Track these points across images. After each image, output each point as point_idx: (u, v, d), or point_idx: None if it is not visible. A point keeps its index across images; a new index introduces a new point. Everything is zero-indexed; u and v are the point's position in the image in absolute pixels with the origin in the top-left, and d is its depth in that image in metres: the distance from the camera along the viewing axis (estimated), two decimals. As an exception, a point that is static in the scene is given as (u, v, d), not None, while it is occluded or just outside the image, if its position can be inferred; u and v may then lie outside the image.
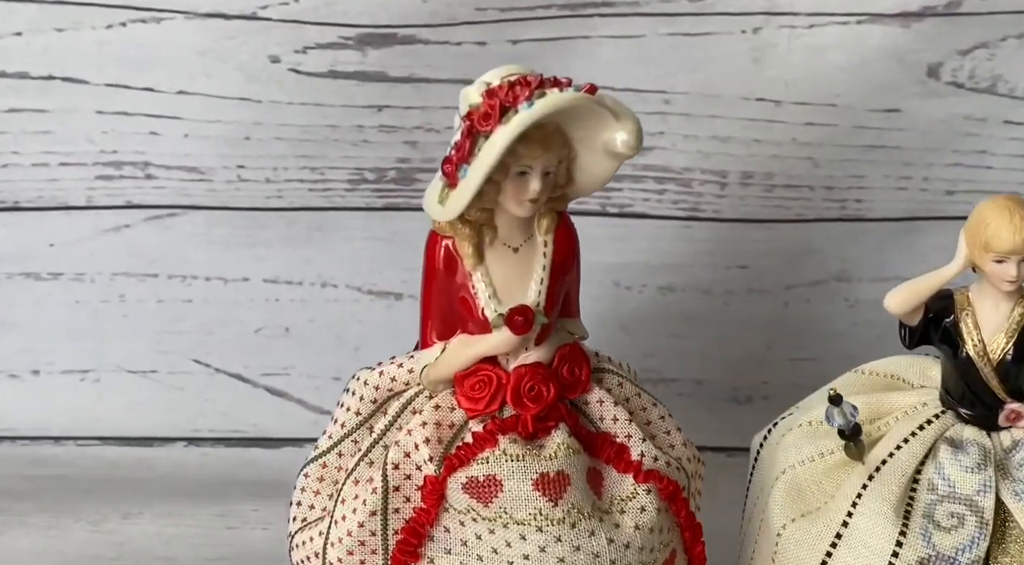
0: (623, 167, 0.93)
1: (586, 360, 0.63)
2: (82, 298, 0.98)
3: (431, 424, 0.61)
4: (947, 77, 0.89)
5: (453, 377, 0.62)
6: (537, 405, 0.60)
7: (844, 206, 0.93)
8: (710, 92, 0.90)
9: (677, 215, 0.94)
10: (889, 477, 0.62)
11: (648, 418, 0.64)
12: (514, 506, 0.59)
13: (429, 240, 0.61)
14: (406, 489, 0.61)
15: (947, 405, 0.65)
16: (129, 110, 0.94)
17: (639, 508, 0.61)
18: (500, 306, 0.60)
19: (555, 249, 0.61)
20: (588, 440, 0.62)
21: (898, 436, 0.64)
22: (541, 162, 0.57)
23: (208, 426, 0.99)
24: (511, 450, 0.59)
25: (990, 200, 0.62)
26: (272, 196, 0.96)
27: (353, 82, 0.92)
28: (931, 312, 0.64)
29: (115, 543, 0.89)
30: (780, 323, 0.96)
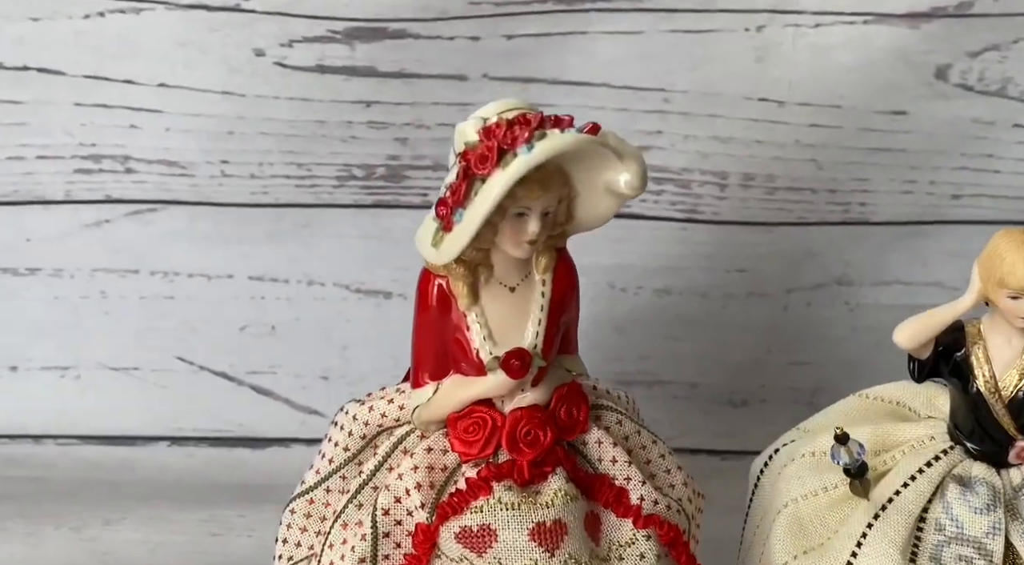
0: (620, 167, 0.92)
1: (584, 400, 0.60)
2: (61, 294, 0.96)
3: (423, 468, 0.58)
4: (956, 79, 0.86)
5: (446, 418, 0.60)
6: (533, 450, 0.58)
7: (847, 209, 0.91)
8: (711, 91, 0.87)
9: (675, 216, 0.91)
10: (895, 517, 0.60)
11: (648, 457, 0.62)
12: (510, 557, 0.57)
13: (421, 278, 0.58)
14: (396, 535, 0.59)
15: (955, 439, 0.63)
16: (108, 102, 0.90)
17: (638, 555, 0.59)
18: (496, 348, 0.57)
19: (553, 288, 0.58)
20: (586, 482, 0.59)
21: (905, 473, 0.62)
22: (540, 203, 0.55)
23: (192, 425, 0.97)
24: (506, 498, 0.57)
25: (1006, 233, 0.59)
26: (257, 192, 0.93)
27: (341, 77, 0.89)
28: (941, 345, 0.61)
29: (98, 552, 0.87)
30: (779, 327, 0.94)
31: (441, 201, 0.55)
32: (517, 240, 0.55)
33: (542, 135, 0.52)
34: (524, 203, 0.55)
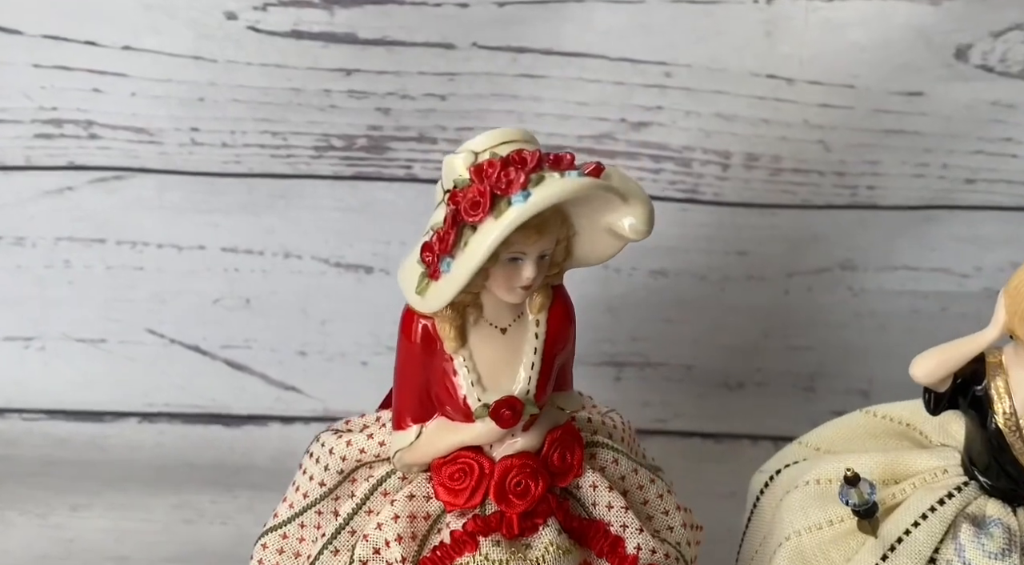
0: (616, 143, 0.87)
1: (579, 442, 0.56)
2: (23, 263, 0.91)
3: (404, 518, 0.54)
4: (976, 60, 0.81)
5: (429, 463, 0.55)
6: (524, 502, 0.54)
7: (855, 192, 0.86)
8: (716, 66, 0.82)
9: (674, 196, 0.87)
10: (904, 560, 0.57)
11: (645, 497, 0.58)
12: (497, 617, 0.53)
13: (404, 317, 0.54)
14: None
15: (969, 473, 0.59)
16: (69, 65, 0.85)
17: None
18: (485, 395, 0.53)
19: (548, 328, 0.54)
20: (580, 530, 0.55)
21: (916, 511, 0.58)
22: (537, 248, 0.50)
23: (163, 400, 0.94)
24: (494, 554, 0.53)
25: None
26: (230, 161, 0.88)
27: (319, 43, 0.83)
28: (960, 377, 0.57)
29: (64, 540, 0.84)
30: (778, 311, 0.90)
31: (427, 246, 0.49)
32: (510, 286, 0.51)
33: (539, 179, 0.47)
34: (519, 248, 0.50)
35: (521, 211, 0.47)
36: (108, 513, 0.86)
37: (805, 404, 0.91)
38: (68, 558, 0.83)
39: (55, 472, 0.90)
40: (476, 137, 0.50)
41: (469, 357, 0.53)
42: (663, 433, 0.94)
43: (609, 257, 0.53)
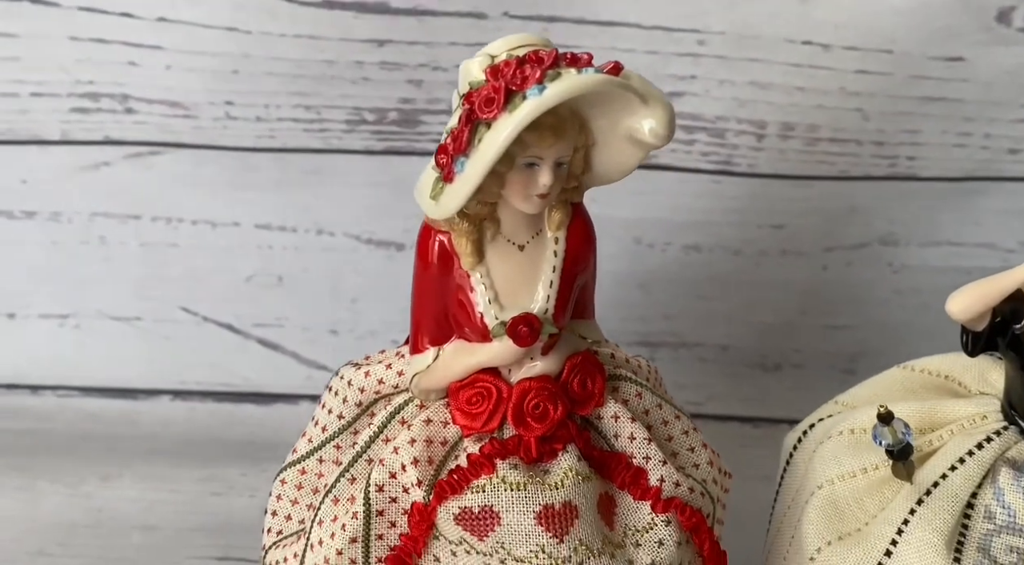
0: (649, 113, 0.86)
1: (600, 370, 0.55)
2: (59, 239, 0.92)
3: (421, 442, 0.53)
4: (1019, 23, 0.80)
5: (447, 387, 0.54)
6: (542, 426, 0.52)
7: (894, 163, 0.84)
8: (749, 33, 0.81)
9: (707, 168, 0.85)
10: (941, 503, 0.55)
11: (670, 433, 0.56)
12: (513, 542, 0.52)
13: (421, 234, 0.53)
14: (391, 513, 0.54)
15: (1009, 419, 0.57)
16: (105, 37, 0.86)
17: (656, 541, 0.54)
18: (502, 312, 0.52)
19: (568, 247, 0.52)
20: (600, 461, 0.54)
21: (952, 455, 0.56)
22: (553, 152, 0.49)
23: (196, 378, 0.93)
24: (511, 477, 0.52)
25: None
26: (263, 136, 0.88)
27: (351, 14, 0.83)
28: (998, 315, 0.56)
29: (92, 509, 0.84)
30: (816, 287, 0.88)
31: (441, 148, 0.49)
32: (526, 193, 0.50)
33: (556, 75, 0.46)
34: (535, 152, 0.49)
35: (537, 103, 0.46)
36: (137, 484, 0.86)
37: (845, 387, 0.89)
38: (97, 526, 0.83)
39: (86, 445, 0.90)
40: (493, 42, 0.49)
41: (486, 274, 0.52)
42: (698, 416, 0.92)
43: (629, 170, 0.52)
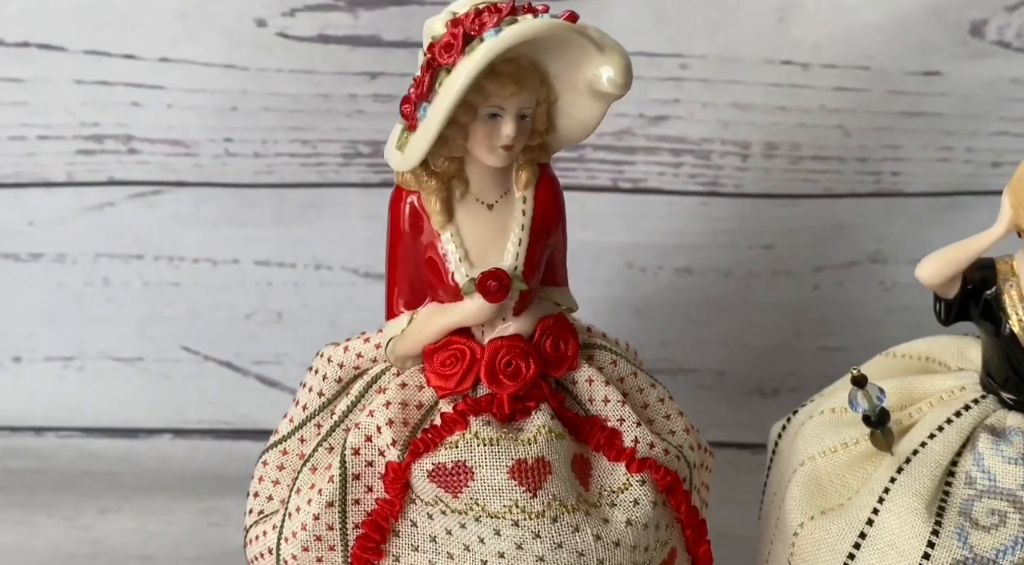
0: (636, 138, 0.88)
1: (573, 334, 0.56)
2: (64, 281, 0.93)
3: (396, 404, 0.54)
4: (992, 36, 0.81)
5: (422, 352, 0.55)
6: (515, 383, 0.53)
7: (879, 179, 0.86)
8: (730, 55, 0.83)
9: (695, 190, 0.87)
10: (921, 469, 0.55)
11: (645, 400, 0.57)
12: (487, 497, 0.52)
13: (392, 197, 0.54)
14: (368, 477, 0.54)
15: (988, 389, 0.57)
16: (109, 79, 0.88)
17: (632, 501, 0.54)
18: (472, 270, 0.53)
19: (535, 206, 0.54)
20: (575, 424, 0.54)
21: (932, 424, 0.56)
22: (514, 102, 0.50)
23: (196, 416, 0.94)
24: (484, 433, 0.52)
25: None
26: (262, 171, 0.90)
27: (345, 47, 0.86)
28: (970, 283, 0.56)
29: (90, 540, 0.84)
30: (809, 308, 0.89)
31: (405, 98, 0.51)
32: (491, 145, 0.51)
33: (512, 20, 0.48)
34: (496, 101, 0.50)
35: (493, 43, 0.48)
36: (135, 517, 0.86)
37: (843, 411, 0.89)
38: (94, 557, 0.83)
39: (85, 481, 0.90)
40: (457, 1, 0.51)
41: (456, 233, 0.53)
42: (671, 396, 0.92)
43: (591, 127, 0.53)
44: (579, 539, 0.52)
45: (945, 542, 0.54)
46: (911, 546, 0.54)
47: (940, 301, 0.57)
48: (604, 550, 0.53)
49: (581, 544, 0.52)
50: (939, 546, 0.53)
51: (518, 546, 0.52)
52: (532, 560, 0.52)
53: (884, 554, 0.54)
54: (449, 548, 0.53)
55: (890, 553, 0.54)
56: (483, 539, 0.52)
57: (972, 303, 0.56)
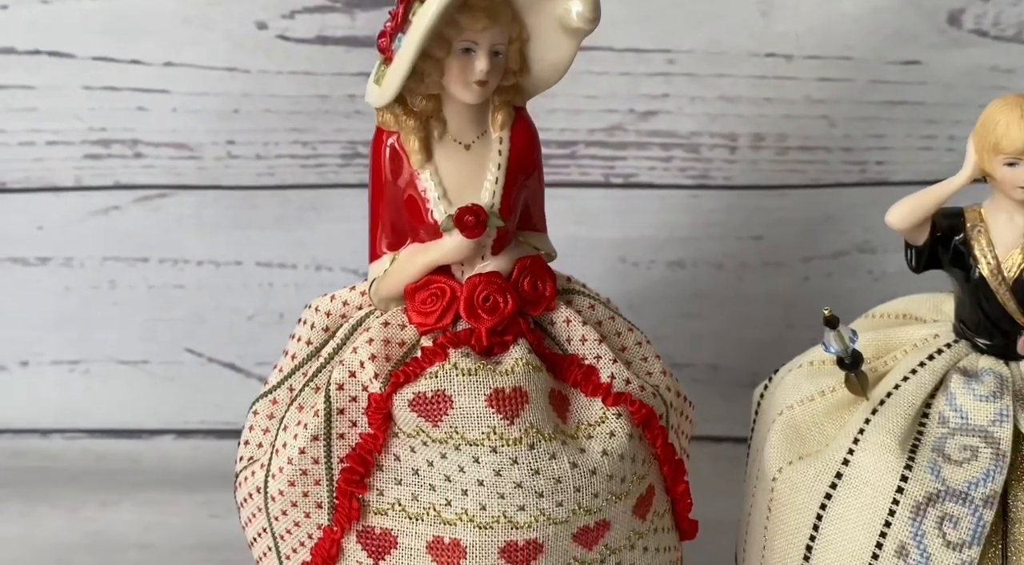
0: (627, 133, 0.90)
1: (551, 275, 0.57)
2: (71, 284, 0.95)
3: (379, 341, 0.55)
4: (970, 24, 0.83)
5: (404, 292, 0.57)
6: (493, 318, 0.55)
7: (864, 169, 0.87)
8: (716, 49, 0.86)
9: (685, 184, 0.89)
10: (894, 409, 0.56)
11: (623, 344, 0.58)
12: (466, 425, 0.53)
13: (374, 140, 0.56)
14: (352, 412, 0.55)
15: (961, 336, 0.59)
16: (116, 85, 0.91)
17: (608, 433, 0.55)
18: (451, 208, 0.55)
19: (511, 147, 0.56)
20: (553, 362, 0.56)
21: (905, 368, 0.57)
22: (487, 37, 0.53)
23: (199, 418, 0.95)
24: (463, 364, 0.54)
25: (1000, 99, 0.56)
26: (263, 173, 0.92)
27: (343, 48, 0.88)
28: (939, 231, 0.58)
29: (91, 531, 0.85)
30: (800, 299, 0.90)
31: (381, 33, 0.53)
32: (465, 80, 0.53)
33: (484, -47, 0.51)
34: (469, 35, 0.53)
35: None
36: (135, 509, 0.87)
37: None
38: (95, 546, 0.84)
39: (87, 478, 0.91)
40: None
41: (435, 172, 0.55)
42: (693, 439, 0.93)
43: (564, 66, 0.55)
44: (556, 466, 0.53)
45: (918, 476, 0.54)
46: (885, 481, 0.54)
47: (911, 248, 0.59)
48: (581, 478, 0.54)
49: (558, 471, 0.53)
50: (912, 480, 0.54)
51: (496, 473, 0.53)
52: (510, 486, 0.53)
53: (859, 491, 0.55)
54: (431, 480, 0.54)
55: (865, 490, 0.55)
56: (463, 468, 0.53)
57: (942, 250, 0.58)
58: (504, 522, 0.52)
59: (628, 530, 0.56)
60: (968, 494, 0.53)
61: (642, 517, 0.57)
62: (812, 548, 0.56)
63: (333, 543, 0.55)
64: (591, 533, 0.54)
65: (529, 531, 0.53)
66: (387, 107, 0.54)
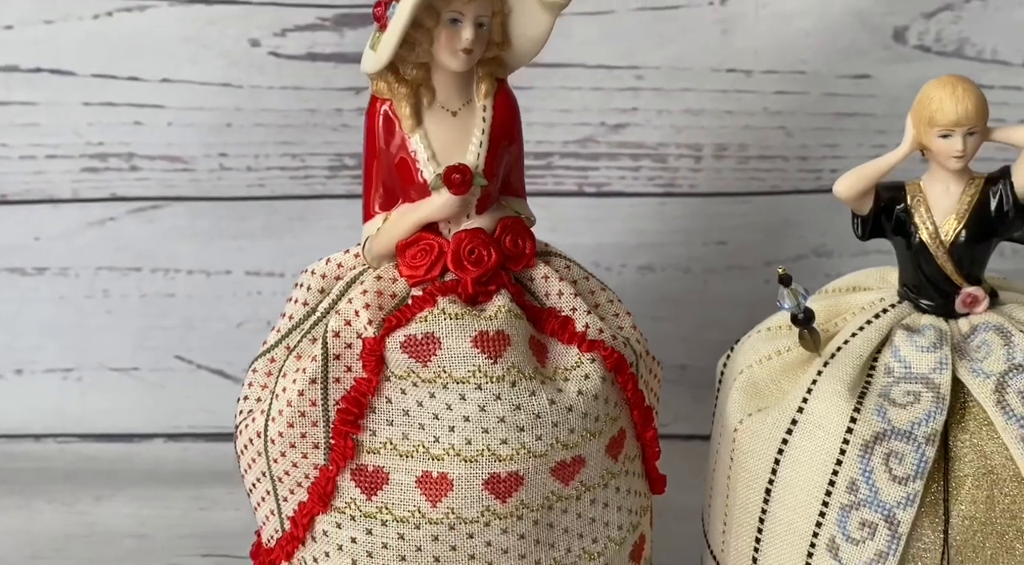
0: (599, 145, 0.95)
1: (531, 235, 0.62)
2: (66, 294, 0.98)
3: (372, 292, 0.60)
4: (914, 40, 0.90)
5: (395, 249, 0.62)
6: (478, 269, 0.59)
7: (819, 176, 0.93)
8: (681, 66, 0.91)
9: (654, 192, 0.94)
10: (844, 360, 0.61)
11: (596, 301, 0.63)
12: (453, 364, 0.58)
13: (369, 108, 0.62)
14: (347, 358, 0.60)
15: (905, 298, 0.64)
16: (114, 101, 0.95)
17: (583, 375, 0.60)
18: (440, 168, 0.60)
19: (494, 114, 0.61)
20: (532, 313, 0.61)
21: (854, 326, 0.63)
22: (472, 9, 0.58)
23: (189, 423, 0.98)
24: (450, 309, 0.58)
25: (935, 79, 0.62)
26: (254, 185, 0.97)
27: (331, 64, 0.93)
28: (883, 201, 0.63)
29: (86, 523, 0.88)
30: (762, 301, 0.94)
31: (377, 3, 0.58)
32: (452, 48, 0.59)
33: (470, -67, 0.57)
34: (456, 6, 0.58)
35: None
36: (130, 503, 0.90)
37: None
38: (91, 536, 0.87)
39: (82, 476, 0.94)
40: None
41: (424, 136, 0.60)
42: (667, 437, 0.96)
43: (540, 40, 0.60)
44: (535, 402, 0.58)
45: (866, 418, 0.59)
46: (835, 424, 0.59)
47: (857, 217, 0.64)
48: (558, 414, 0.58)
49: (537, 407, 0.58)
50: (860, 421, 0.59)
51: (481, 408, 0.57)
52: (494, 421, 0.57)
53: (812, 435, 0.60)
54: (420, 419, 0.58)
55: (817, 433, 0.60)
56: (450, 406, 0.58)
57: (885, 219, 0.63)
58: (488, 455, 0.57)
59: (601, 469, 0.60)
60: (912, 432, 0.58)
61: (614, 457, 0.61)
62: (771, 490, 0.61)
63: (329, 480, 0.59)
64: (568, 468, 0.59)
65: (511, 463, 0.57)
66: (381, 75, 0.59)
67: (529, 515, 0.58)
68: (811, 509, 0.58)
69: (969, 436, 0.58)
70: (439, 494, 0.57)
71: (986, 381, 0.58)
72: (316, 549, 0.60)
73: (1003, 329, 0.60)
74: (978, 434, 0.58)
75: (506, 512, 0.57)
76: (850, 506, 0.58)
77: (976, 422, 0.59)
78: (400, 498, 0.57)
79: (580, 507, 0.59)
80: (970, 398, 0.59)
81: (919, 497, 0.57)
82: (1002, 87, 0.90)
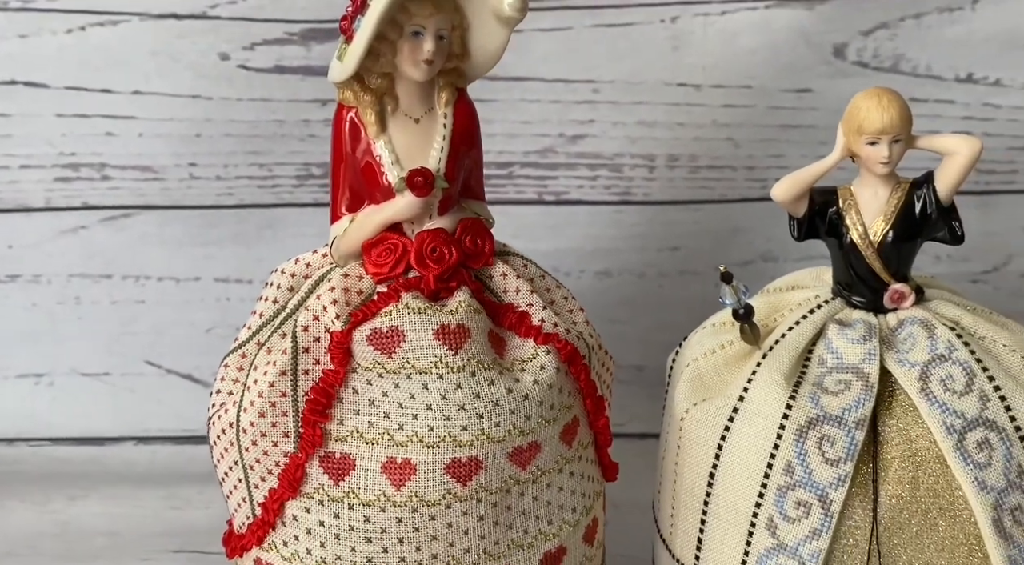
0: (557, 156, 0.99)
1: (490, 236, 0.66)
2: (39, 300, 1.01)
3: (339, 289, 0.63)
4: (853, 57, 0.94)
5: (361, 248, 0.65)
6: (440, 266, 0.63)
7: (766, 185, 0.96)
8: (635, 80, 0.95)
9: (610, 200, 0.97)
10: (781, 352, 0.65)
11: (552, 298, 0.67)
12: (416, 355, 0.61)
13: (336, 115, 0.65)
14: (316, 351, 0.63)
15: (838, 295, 0.68)
16: (87, 112, 0.97)
17: (539, 366, 0.63)
18: (403, 172, 0.64)
19: (455, 122, 0.65)
20: (491, 309, 0.64)
21: (791, 320, 0.67)
22: (433, 22, 0.62)
23: (158, 426, 1.01)
24: (413, 304, 0.62)
25: (863, 91, 0.66)
26: (223, 194, 0.99)
27: (298, 77, 0.96)
28: (817, 205, 0.67)
29: (59, 522, 0.90)
30: (713, 304, 0.98)
31: (344, 17, 0.62)
32: (415, 59, 0.62)
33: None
34: (418, 20, 0.62)
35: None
36: (102, 502, 0.92)
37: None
38: (64, 534, 0.89)
39: (54, 477, 0.96)
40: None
41: (389, 142, 0.64)
42: (622, 436, 1.00)
43: (497, 54, 0.64)
44: (494, 391, 0.61)
45: (800, 404, 0.63)
46: (772, 410, 0.63)
47: (793, 220, 0.68)
48: (515, 401, 0.62)
49: (496, 395, 0.61)
50: (795, 408, 0.63)
51: (443, 397, 0.61)
52: (455, 409, 0.61)
53: (752, 421, 0.64)
54: (385, 408, 0.62)
55: (757, 419, 0.64)
56: (413, 395, 0.61)
57: (819, 221, 0.67)
58: (449, 441, 0.60)
59: (556, 454, 0.64)
60: (842, 418, 0.62)
61: (568, 444, 0.65)
62: (715, 474, 0.64)
63: (298, 467, 0.62)
64: (524, 453, 0.62)
65: (471, 449, 0.60)
66: (347, 85, 0.63)
67: (488, 498, 0.61)
68: (751, 491, 0.62)
69: (896, 421, 0.63)
70: (403, 478, 0.60)
71: (911, 370, 0.62)
72: (286, 533, 0.63)
73: (927, 323, 0.64)
74: (904, 419, 0.63)
75: (466, 495, 0.60)
76: (787, 487, 0.62)
77: (902, 408, 0.63)
78: (366, 483, 0.61)
79: (536, 490, 0.63)
80: (897, 386, 0.63)
81: (850, 478, 0.61)
82: (935, 101, 0.94)
